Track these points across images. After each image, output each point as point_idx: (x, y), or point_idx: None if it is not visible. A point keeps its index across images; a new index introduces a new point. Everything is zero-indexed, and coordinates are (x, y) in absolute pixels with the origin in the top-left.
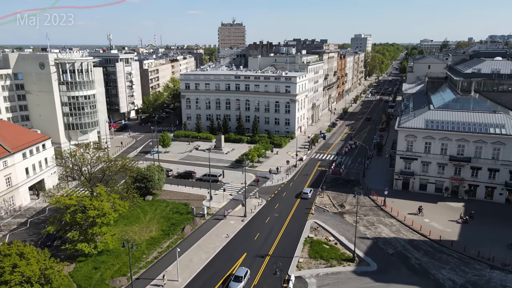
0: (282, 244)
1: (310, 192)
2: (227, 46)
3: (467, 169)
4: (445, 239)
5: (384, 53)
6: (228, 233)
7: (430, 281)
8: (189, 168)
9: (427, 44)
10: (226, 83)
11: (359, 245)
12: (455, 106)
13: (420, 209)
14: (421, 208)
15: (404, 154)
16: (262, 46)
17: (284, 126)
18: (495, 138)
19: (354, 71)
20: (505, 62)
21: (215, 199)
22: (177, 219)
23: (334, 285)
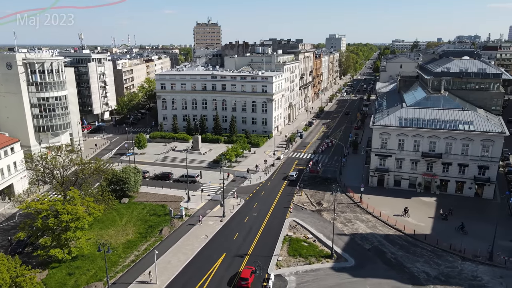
0: (261, 243)
1: (295, 175)
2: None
3: (438, 165)
4: (419, 233)
5: (358, 53)
6: (207, 233)
7: (405, 274)
8: (166, 169)
9: (399, 44)
10: (202, 83)
11: (337, 242)
12: (426, 104)
13: (406, 210)
14: (407, 209)
15: (378, 152)
16: (238, 46)
17: (261, 125)
18: (464, 134)
19: (329, 70)
20: (472, 61)
21: (193, 200)
22: (155, 221)
23: (313, 282)
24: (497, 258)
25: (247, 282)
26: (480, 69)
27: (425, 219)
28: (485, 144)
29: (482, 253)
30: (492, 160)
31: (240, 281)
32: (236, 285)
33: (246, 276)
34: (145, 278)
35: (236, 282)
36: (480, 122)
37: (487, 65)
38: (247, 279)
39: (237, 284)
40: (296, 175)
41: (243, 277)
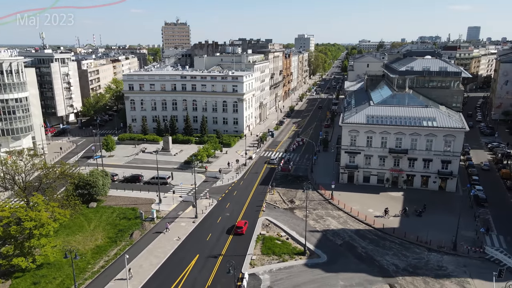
0: (234, 243)
1: (276, 159)
2: (172, 46)
3: (404, 161)
4: (388, 227)
5: (326, 53)
6: (179, 235)
7: (375, 267)
8: (136, 171)
9: (365, 44)
10: (172, 83)
11: (310, 239)
12: (392, 101)
13: (386, 211)
14: (387, 210)
15: (348, 149)
16: (208, 46)
17: (233, 125)
18: (428, 130)
19: (299, 70)
20: (434, 60)
21: (164, 202)
22: (125, 225)
23: (287, 279)
24: (461, 248)
25: (241, 229)
26: (441, 67)
27: (393, 213)
28: (448, 140)
29: (446, 244)
30: (454, 155)
31: (236, 229)
32: (234, 232)
33: (241, 225)
34: (124, 275)
35: (233, 230)
36: (443, 119)
37: (447, 64)
38: (241, 227)
39: (234, 232)
40: (277, 159)
41: (239, 226)
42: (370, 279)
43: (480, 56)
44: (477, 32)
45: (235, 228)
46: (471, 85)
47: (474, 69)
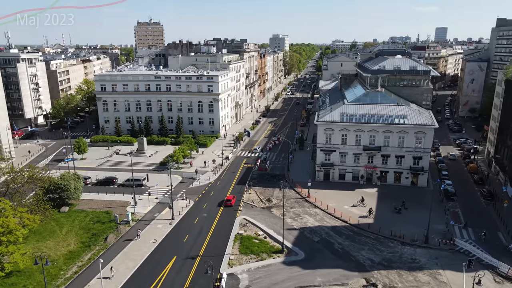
0: (212, 243)
1: (259, 148)
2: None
3: (378, 157)
4: (363, 223)
5: (301, 53)
6: (156, 237)
7: (352, 263)
8: (110, 174)
9: (339, 44)
10: (146, 83)
11: (287, 237)
12: (365, 100)
13: (370, 211)
14: (371, 210)
15: (323, 147)
16: (182, 46)
17: (209, 125)
18: (400, 127)
19: (274, 70)
20: (404, 59)
21: (140, 204)
22: (99, 229)
23: (265, 277)
24: (432, 240)
25: (230, 201)
26: (411, 66)
27: (368, 209)
28: (418, 136)
29: (419, 237)
30: (425, 151)
31: (226, 201)
32: (224, 204)
33: (230, 198)
34: (106, 273)
35: (224, 203)
36: (413, 116)
37: (417, 63)
38: (230, 200)
39: (224, 204)
40: (260, 148)
41: (228, 199)
42: (346, 274)
43: (448, 55)
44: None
45: (225, 201)
46: (440, 83)
47: (442, 68)
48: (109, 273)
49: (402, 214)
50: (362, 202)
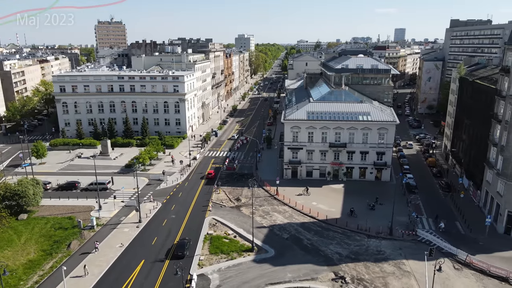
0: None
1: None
2: (107, 45)
3: (344, 154)
4: (331, 218)
5: (266, 53)
6: (123, 242)
7: (321, 257)
8: (72, 178)
9: (303, 44)
10: (108, 84)
11: (257, 235)
12: (330, 98)
13: (352, 210)
14: (353, 209)
15: (291, 145)
16: (146, 45)
17: (175, 126)
18: (364, 124)
19: (240, 69)
20: (366, 58)
21: (105, 208)
22: (61, 236)
23: (236, 276)
24: (396, 232)
25: (211, 174)
26: (373, 65)
27: (335, 205)
28: (381, 132)
29: (383, 230)
30: (387, 146)
31: (208, 175)
32: (205, 177)
33: (211, 172)
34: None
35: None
36: (376, 113)
37: (378, 62)
38: (211, 173)
39: (206, 177)
40: (238, 137)
41: (209, 173)
42: (316, 269)
43: (406, 55)
44: (403, 34)
45: (207, 174)
46: (400, 82)
47: (401, 67)
48: (82, 272)
49: (369, 209)
50: (307, 191)
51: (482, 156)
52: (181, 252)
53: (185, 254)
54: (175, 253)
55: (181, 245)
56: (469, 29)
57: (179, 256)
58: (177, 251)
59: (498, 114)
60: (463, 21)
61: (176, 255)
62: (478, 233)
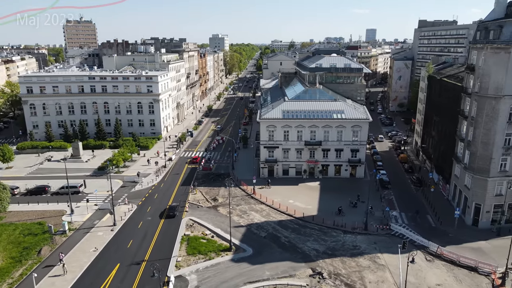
0: (158, 246)
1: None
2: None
3: (319, 152)
4: (308, 215)
5: (241, 53)
6: (97, 246)
7: (298, 254)
8: (42, 182)
9: (278, 44)
10: (78, 85)
11: (235, 234)
12: (305, 96)
13: (340, 209)
14: (341, 208)
15: (267, 144)
16: (118, 45)
17: (150, 127)
18: (338, 122)
19: (215, 69)
20: (339, 58)
21: (77, 212)
22: (31, 242)
23: (214, 276)
24: (371, 227)
25: (196, 159)
26: (346, 64)
27: (312, 202)
28: (355, 130)
29: (359, 225)
30: (361, 144)
31: (193, 159)
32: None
33: (196, 157)
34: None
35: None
36: (350, 111)
37: (351, 61)
38: (196, 159)
39: (191, 161)
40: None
41: (194, 158)
42: (294, 266)
43: (378, 55)
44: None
45: (192, 159)
46: (372, 81)
47: (373, 66)
48: (61, 271)
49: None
50: (268, 185)
51: (450, 151)
52: (172, 213)
53: (175, 214)
54: (167, 214)
55: (172, 208)
56: (436, 29)
57: (171, 215)
58: (169, 212)
59: (464, 111)
60: (430, 22)
61: (168, 215)
62: (448, 226)
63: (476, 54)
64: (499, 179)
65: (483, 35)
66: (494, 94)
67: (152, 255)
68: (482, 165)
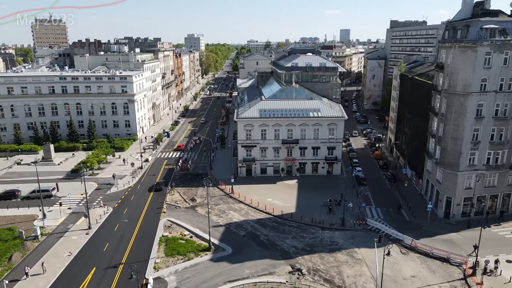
0: (135, 249)
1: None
2: (46, 45)
3: (296, 150)
4: (286, 213)
5: (217, 53)
6: (71, 250)
7: (278, 252)
8: (11, 186)
9: (253, 44)
10: (49, 85)
11: (214, 234)
12: (282, 95)
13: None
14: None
15: (244, 143)
16: (90, 44)
17: (125, 128)
18: (314, 120)
19: (191, 69)
20: (315, 57)
21: (50, 216)
22: (0, 248)
23: (193, 276)
24: (348, 223)
25: (180, 146)
26: (321, 63)
27: (290, 200)
28: (331, 128)
29: (336, 221)
30: (337, 141)
31: (177, 147)
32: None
33: (180, 145)
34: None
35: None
36: (326, 109)
37: (326, 60)
38: (180, 147)
39: (176, 149)
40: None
41: (179, 146)
42: (273, 263)
43: (352, 54)
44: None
45: (177, 147)
46: (346, 80)
47: (347, 66)
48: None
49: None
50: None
51: (422, 147)
52: (159, 187)
53: (162, 188)
54: (155, 187)
55: (160, 183)
56: (407, 30)
57: (158, 189)
58: (156, 186)
59: (435, 108)
60: (401, 22)
61: (156, 188)
62: (421, 219)
63: (445, 53)
64: (468, 173)
65: (451, 35)
66: (462, 91)
67: (130, 257)
68: (452, 159)
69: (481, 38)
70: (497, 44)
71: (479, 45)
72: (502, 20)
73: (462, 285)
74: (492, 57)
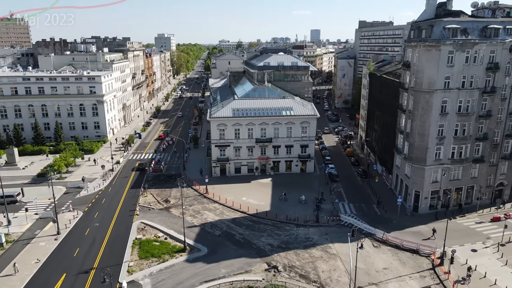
0: (108, 253)
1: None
2: (7, 44)
3: (270, 149)
4: (261, 211)
5: (188, 53)
6: (39, 257)
7: (253, 250)
8: None
9: (225, 44)
10: (11, 86)
11: (189, 234)
12: (254, 94)
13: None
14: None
15: (218, 143)
16: (55, 44)
17: (94, 130)
18: (287, 119)
19: (162, 70)
20: (286, 56)
21: (15, 222)
22: None
23: (169, 278)
24: (322, 219)
25: (161, 136)
26: (293, 62)
27: (264, 198)
28: (304, 126)
29: (311, 218)
30: (310, 139)
31: (159, 137)
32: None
33: (162, 135)
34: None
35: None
36: (298, 108)
37: (298, 60)
38: (161, 136)
39: (159, 138)
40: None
41: (160, 135)
42: (249, 262)
43: (322, 54)
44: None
45: (158, 137)
46: (318, 79)
47: (318, 65)
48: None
49: (295, 199)
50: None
51: (392, 144)
52: (142, 167)
53: (145, 168)
54: (138, 167)
55: (142, 163)
56: (375, 30)
57: (141, 169)
58: (139, 166)
59: (403, 105)
60: (369, 22)
61: (139, 169)
62: (392, 213)
63: (411, 52)
64: (435, 167)
65: (417, 34)
66: (428, 89)
67: (102, 262)
68: (420, 155)
69: (444, 38)
70: (459, 43)
71: (442, 44)
72: (464, 20)
73: (431, 274)
74: (455, 55)
